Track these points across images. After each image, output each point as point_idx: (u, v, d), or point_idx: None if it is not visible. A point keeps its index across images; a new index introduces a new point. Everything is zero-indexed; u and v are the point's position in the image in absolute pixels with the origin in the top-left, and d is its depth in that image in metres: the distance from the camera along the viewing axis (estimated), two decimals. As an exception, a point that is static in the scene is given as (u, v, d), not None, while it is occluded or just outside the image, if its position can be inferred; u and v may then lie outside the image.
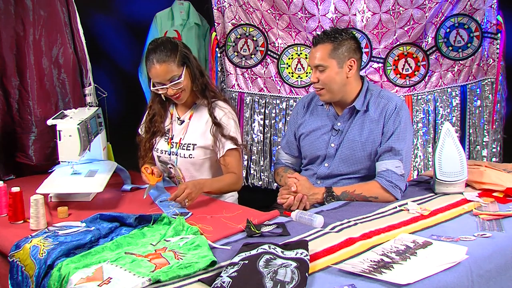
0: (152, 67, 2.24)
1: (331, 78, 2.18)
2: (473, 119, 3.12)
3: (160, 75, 2.23)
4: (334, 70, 2.18)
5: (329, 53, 2.17)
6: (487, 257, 1.65)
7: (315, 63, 2.19)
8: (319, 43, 2.20)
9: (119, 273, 1.47)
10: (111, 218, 1.85)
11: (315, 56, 2.19)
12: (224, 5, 3.25)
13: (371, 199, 2.13)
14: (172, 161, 2.38)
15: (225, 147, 2.31)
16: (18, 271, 1.69)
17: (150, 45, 2.29)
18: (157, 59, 2.22)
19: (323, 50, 2.18)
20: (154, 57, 2.23)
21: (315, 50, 2.21)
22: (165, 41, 2.30)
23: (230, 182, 2.31)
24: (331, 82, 2.19)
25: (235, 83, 3.35)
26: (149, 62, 2.24)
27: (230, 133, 2.32)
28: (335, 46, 2.18)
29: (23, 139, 2.65)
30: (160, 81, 2.25)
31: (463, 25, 3.05)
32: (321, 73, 2.19)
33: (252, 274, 1.41)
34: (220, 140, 2.31)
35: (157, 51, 2.23)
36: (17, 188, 2.01)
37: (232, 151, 2.32)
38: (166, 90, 2.26)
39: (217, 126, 2.31)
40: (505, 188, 2.15)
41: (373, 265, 1.51)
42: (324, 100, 2.26)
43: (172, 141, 2.39)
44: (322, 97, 2.24)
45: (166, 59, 2.22)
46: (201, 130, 2.35)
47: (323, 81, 2.19)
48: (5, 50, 2.58)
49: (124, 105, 3.31)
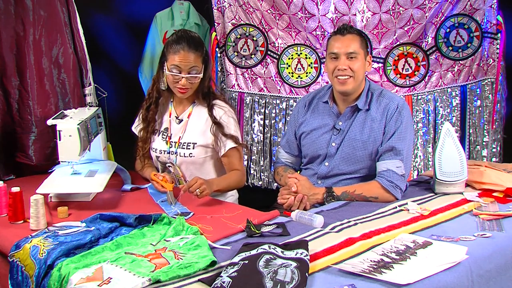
0: (181, 51, 2.25)
1: (360, 67, 2.21)
2: (473, 119, 3.12)
3: (186, 61, 2.25)
4: (362, 61, 2.22)
5: (360, 44, 2.22)
6: (487, 257, 1.65)
7: (349, 50, 2.20)
8: (349, 32, 2.23)
9: (119, 273, 1.47)
10: (111, 218, 1.85)
11: (347, 44, 2.20)
12: (224, 5, 3.24)
13: (371, 199, 2.13)
14: (172, 160, 2.38)
15: (226, 146, 2.31)
16: (18, 271, 1.69)
17: (181, 32, 2.33)
18: (189, 46, 2.26)
19: (355, 40, 2.22)
20: (187, 43, 2.26)
21: (345, 38, 2.22)
22: (196, 34, 2.36)
23: (236, 178, 2.35)
24: (359, 71, 2.20)
25: (235, 83, 3.35)
26: (179, 46, 2.25)
27: (231, 132, 2.32)
28: (361, 39, 2.24)
29: (23, 139, 2.64)
30: (182, 67, 2.26)
31: (463, 25, 3.05)
32: (352, 61, 2.20)
33: (252, 274, 1.41)
34: (220, 139, 2.32)
35: (191, 40, 2.28)
36: (17, 188, 2.01)
37: (233, 150, 2.33)
38: (180, 78, 2.27)
39: (217, 126, 2.31)
40: (505, 188, 2.15)
41: (373, 265, 1.51)
42: (346, 90, 2.22)
43: (170, 140, 2.39)
44: (346, 86, 2.21)
45: (197, 50, 2.27)
46: (201, 128, 2.35)
47: (354, 69, 2.19)
48: (5, 50, 2.57)
49: (124, 105, 3.31)
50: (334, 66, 2.21)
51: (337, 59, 2.21)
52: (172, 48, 2.27)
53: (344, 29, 2.24)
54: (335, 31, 2.28)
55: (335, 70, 2.21)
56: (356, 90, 2.24)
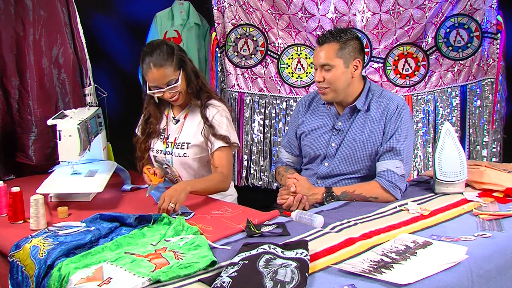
0: (149, 71, 2.22)
1: (337, 78, 2.17)
2: (473, 119, 3.12)
3: (157, 79, 2.23)
4: (340, 70, 2.17)
5: (336, 52, 2.16)
6: (487, 257, 1.65)
7: (321, 62, 2.17)
8: (326, 42, 2.18)
9: (119, 273, 1.47)
10: (111, 218, 1.85)
11: (321, 55, 2.17)
12: (224, 5, 3.24)
13: (371, 199, 2.13)
14: (168, 160, 2.38)
15: (214, 146, 2.30)
16: (18, 271, 1.69)
17: (146, 48, 2.27)
18: (154, 63, 2.20)
19: (330, 49, 2.17)
20: (151, 61, 2.21)
21: (320, 49, 2.18)
22: (161, 44, 2.27)
23: (217, 181, 2.26)
24: (337, 82, 2.17)
25: (235, 83, 3.35)
26: (146, 66, 2.22)
27: (222, 132, 2.30)
28: (341, 45, 2.17)
29: (23, 139, 2.65)
30: (157, 85, 2.24)
31: (463, 25, 3.05)
32: (327, 72, 2.17)
33: (252, 274, 1.41)
34: (210, 140, 2.30)
35: (154, 55, 2.21)
36: (17, 188, 2.01)
37: (221, 150, 2.30)
38: (163, 93, 2.26)
39: (209, 127, 2.30)
40: (505, 188, 2.15)
41: (373, 265, 1.51)
42: (326, 99, 2.25)
43: (167, 140, 2.40)
44: (325, 96, 2.22)
45: (163, 63, 2.21)
46: (195, 129, 2.36)
47: (329, 80, 2.17)
48: (5, 50, 2.58)
49: (124, 105, 3.31)
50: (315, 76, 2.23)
51: (316, 70, 2.21)
52: (143, 68, 2.24)
53: (322, 38, 2.19)
54: (317, 39, 2.25)
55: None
56: (342, 97, 2.22)
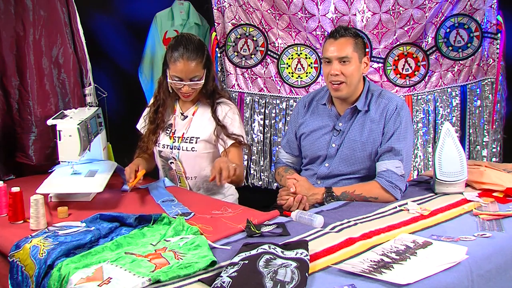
0: (178, 62, 2.21)
1: (354, 71, 2.17)
2: (473, 119, 3.12)
3: (184, 71, 2.22)
4: (356, 64, 2.18)
5: (353, 47, 2.17)
6: (487, 257, 1.65)
7: (340, 55, 2.16)
8: (342, 36, 2.18)
9: (119, 273, 1.47)
10: (111, 218, 1.85)
11: (339, 48, 2.16)
12: (224, 5, 3.25)
13: (371, 200, 2.13)
14: (174, 154, 2.38)
15: (227, 143, 2.31)
16: (18, 271, 1.69)
17: (179, 38, 2.27)
18: (187, 55, 2.20)
19: (348, 43, 2.17)
20: (184, 53, 2.20)
21: (338, 42, 2.17)
22: (195, 38, 2.29)
23: (239, 173, 2.25)
24: (353, 76, 2.17)
25: (235, 83, 3.35)
26: (177, 55, 2.21)
27: (235, 130, 2.32)
28: (356, 41, 2.19)
29: (23, 139, 2.64)
30: (182, 76, 2.24)
31: (463, 25, 3.05)
32: (344, 65, 2.16)
33: (252, 274, 1.41)
34: (222, 138, 2.31)
35: (188, 47, 2.21)
36: (17, 188, 2.01)
37: (234, 147, 2.32)
38: (183, 86, 2.26)
39: (221, 127, 2.31)
40: (505, 188, 2.15)
41: (373, 265, 1.51)
42: (340, 95, 2.21)
43: (174, 135, 2.40)
44: (339, 92, 2.19)
45: (195, 58, 2.21)
46: (205, 124, 2.36)
47: (347, 74, 2.16)
48: (5, 50, 2.57)
49: (124, 105, 3.32)
50: (328, 71, 2.20)
51: (330, 64, 2.19)
52: (172, 57, 2.23)
53: (337, 33, 2.20)
54: (329, 34, 2.24)
55: (328, 75, 2.20)
56: (353, 93, 2.22)
